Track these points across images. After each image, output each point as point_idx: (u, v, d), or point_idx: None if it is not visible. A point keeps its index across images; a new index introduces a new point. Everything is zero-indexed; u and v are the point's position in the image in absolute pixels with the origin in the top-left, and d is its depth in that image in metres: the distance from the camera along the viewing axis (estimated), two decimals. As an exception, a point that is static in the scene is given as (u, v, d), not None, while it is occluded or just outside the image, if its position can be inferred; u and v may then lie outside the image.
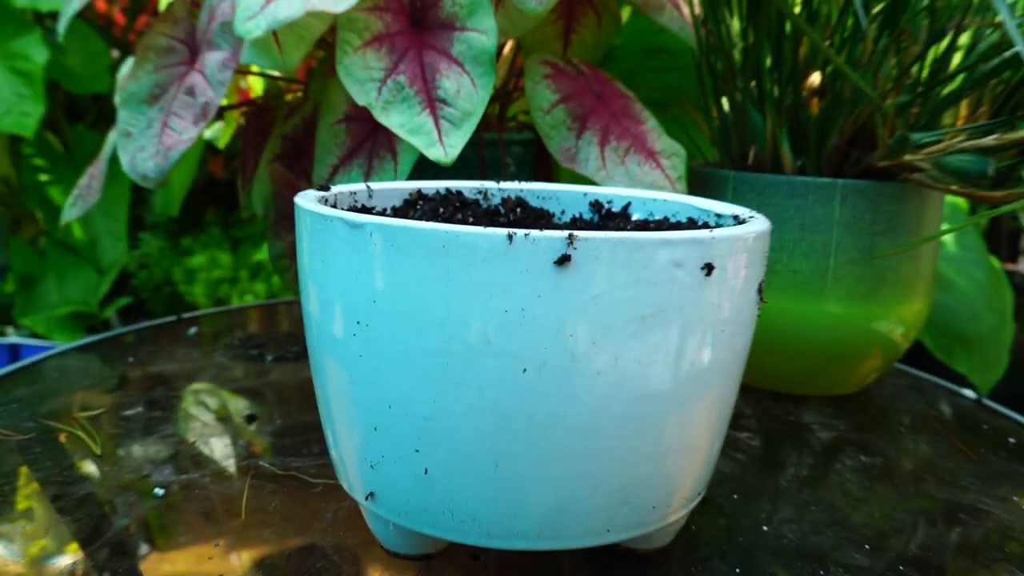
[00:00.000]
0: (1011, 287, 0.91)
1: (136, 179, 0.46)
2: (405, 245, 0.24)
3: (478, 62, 0.42)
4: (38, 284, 1.36)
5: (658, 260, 0.24)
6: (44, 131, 1.42)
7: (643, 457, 0.26)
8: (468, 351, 0.24)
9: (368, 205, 0.35)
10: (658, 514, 0.28)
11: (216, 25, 0.45)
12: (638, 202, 0.37)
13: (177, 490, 0.36)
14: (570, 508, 0.26)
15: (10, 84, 1.23)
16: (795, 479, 0.40)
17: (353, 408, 0.27)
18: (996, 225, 1.44)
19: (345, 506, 0.35)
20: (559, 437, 0.25)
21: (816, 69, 0.50)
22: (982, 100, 0.48)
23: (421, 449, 0.26)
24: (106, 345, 0.58)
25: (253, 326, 0.65)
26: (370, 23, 0.43)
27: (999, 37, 0.45)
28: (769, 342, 0.48)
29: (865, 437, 0.45)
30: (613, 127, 0.49)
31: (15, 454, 0.39)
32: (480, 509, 0.26)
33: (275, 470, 0.38)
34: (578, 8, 0.54)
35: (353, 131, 0.47)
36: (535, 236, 0.23)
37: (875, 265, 0.47)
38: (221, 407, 0.46)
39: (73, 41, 1.35)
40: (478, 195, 0.38)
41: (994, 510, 0.37)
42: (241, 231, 1.40)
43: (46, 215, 1.37)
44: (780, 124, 0.48)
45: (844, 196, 0.46)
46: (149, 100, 0.47)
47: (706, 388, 0.27)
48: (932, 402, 0.52)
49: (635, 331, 0.24)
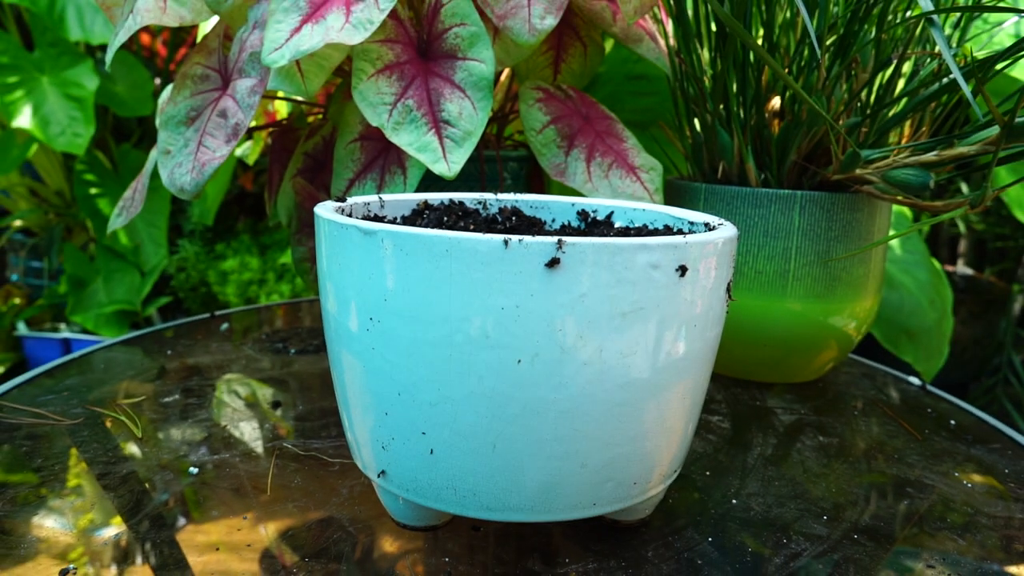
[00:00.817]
0: (950, 286, 0.91)
1: (174, 192, 0.46)
2: (413, 250, 0.24)
3: (478, 88, 0.42)
4: (88, 285, 1.36)
5: (637, 262, 0.24)
6: (94, 149, 1.41)
7: (625, 438, 0.26)
8: (469, 344, 0.24)
9: (380, 215, 0.35)
10: (639, 489, 0.28)
11: (246, 55, 0.45)
12: (620, 211, 0.37)
13: (210, 469, 0.36)
14: (560, 484, 0.26)
15: (64, 108, 1.23)
16: (761, 457, 0.39)
17: (366, 395, 0.27)
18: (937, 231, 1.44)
19: (360, 483, 0.34)
20: (550, 421, 0.25)
21: (777, 94, 0.49)
22: (923, 121, 0.48)
23: (427, 432, 0.26)
24: (147, 339, 0.57)
25: (278, 322, 0.65)
26: (382, 53, 0.43)
27: (937, 65, 0.45)
28: (737, 335, 0.48)
29: (823, 420, 0.45)
30: (598, 145, 0.49)
31: (65, 437, 0.39)
32: (480, 485, 0.26)
33: (297, 451, 0.38)
34: (566, 40, 0.54)
35: (367, 149, 0.46)
36: (528, 241, 0.23)
37: (830, 267, 0.46)
38: (250, 394, 0.46)
39: (120, 70, 1.35)
40: (478, 205, 0.38)
41: (937, 484, 0.37)
42: (269, 238, 1.40)
43: (95, 224, 1.37)
44: (745, 142, 0.48)
45: (802, 206, 0.46)
46: (186, 122, 0.47)
47: (681, 376, 0.27)
48: (882, 388, 0.52)
49: (617, 326, 0.24)
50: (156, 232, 1.36)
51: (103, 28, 1.22)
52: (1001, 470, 0.39)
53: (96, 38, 1.22)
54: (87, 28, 1.21)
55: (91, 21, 1.21)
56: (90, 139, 1.22)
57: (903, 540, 0.32)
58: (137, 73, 1.35)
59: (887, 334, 0.82)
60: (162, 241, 1.36)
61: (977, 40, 0.58)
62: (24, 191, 1.46)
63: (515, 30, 0.43)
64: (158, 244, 1.36)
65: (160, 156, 0.47)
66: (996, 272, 1.46)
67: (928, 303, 0.83)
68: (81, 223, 1.48)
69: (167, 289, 1.44)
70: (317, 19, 0.41)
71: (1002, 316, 1.26)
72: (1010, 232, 1.38)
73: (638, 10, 0.48)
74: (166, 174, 0.46)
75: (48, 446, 0.37)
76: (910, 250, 0.87)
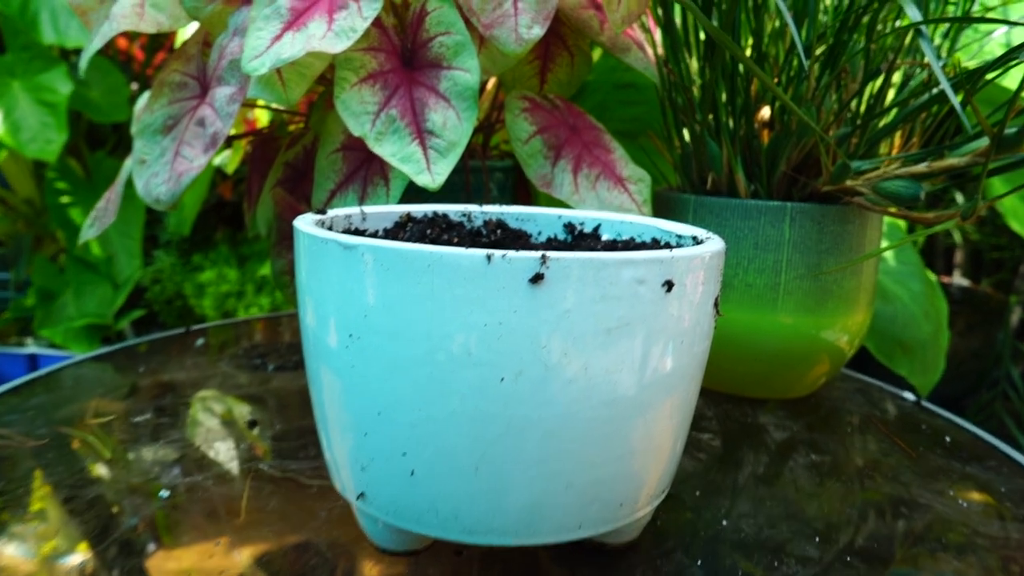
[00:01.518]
0: (946, 297, 0.92)
1: (150, 203, 0.45)
2: (394, 265, 0.24)
3: (463, 98, 0.42)
4: (57, 298, 1.35)
5: (623, 278, 0.24)
6: (66, 156, 1.40)
7: (611, 458, 0.26)
8: (451, 362, 0.24)
9: (362, 228, 0.35)
10: (626, 510, 0.28)
11: (225, 63, 0.45)
12: (607, 224, 0.37)
13: (182, 491, 0.35)
14: (545, 506, 0.26)
15: (36, 114, 1.22)
16: (752, 476, 0.40)
17: (346, 414, 0.27)
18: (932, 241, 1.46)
19: (338, 506, 0.34)
20: (534, 440, 0.25)
21: (766, 104, 0.50)
22: (913, 131, 0.49)
23: (408, 452, 0.26)
24: (119, 355, 0.57)
25: (257, 337, 0.65)
26: (365, 62, 0.43)
27: (927, 75, 0.45)
28: (728, 349, 0.48)
29: (815, 437, 0.45)
30: (585, 156, 0.49)
31: (30, 459, 0.38)
32: (462, 508, 0.26)
33: (274, 472, 0.38)
34: (553, 49, 0.54)
35: (349, 159, 0.47)
36: (511, 256, 0.23)
37: (822, 280, 0.47)
38: (225, 413, 0.46)
39: (95, 75, 1.34)
40: (463, 217, 0.38)
41: (933, 503, 0.37)
42: (248, 248, 1.39)
43: (67, 234, 1.36)
44: (735, 153, 0.48)
45: (793, 218, 0.46)
46: (163, 130, 0.47)
47: (668, 393, 0.27)
48: (876, 404, 0.52)
49: (603, 342, 0.24)
50: (130, 243, 1.35)
51: (78, 32, 1.21)
52: (997, 488, 0.39)
53: (71, 42, 1.21)
54: (61, 31, 1.21)
55: (66, 24, 1.21)
56: (62, 146, 1.21)
57: (898, 562, 0.32)
58: (113, 78, 1.35)
59: (881, 347, 0.83)
60: (136, 252, 1.35)
61: (968, 49, 0.60)
62: (-8, 200, 1.45)
63: (502, 39, 0.43)
64: (132, 255, 1.35)
65: (135, 165, 0.47)
66: (993, 283, 1.48)
67: (923, 315, 0.84)
68: (51, 233, 1.46)
69: (141, 302, 1.43)
70: (299, 27, 0.41)
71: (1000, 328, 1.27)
72: (1007, 242, 1.40)
73: (626, 19, 0.49)
74: (141, 184, 0.46)
75: (11, 468, 0.37)
76: (904, 261, 0.88)
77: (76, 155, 1.46)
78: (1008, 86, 0.64)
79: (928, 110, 0.46)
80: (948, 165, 0.39)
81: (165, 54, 1.49)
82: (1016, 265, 1.40)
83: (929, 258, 1.50)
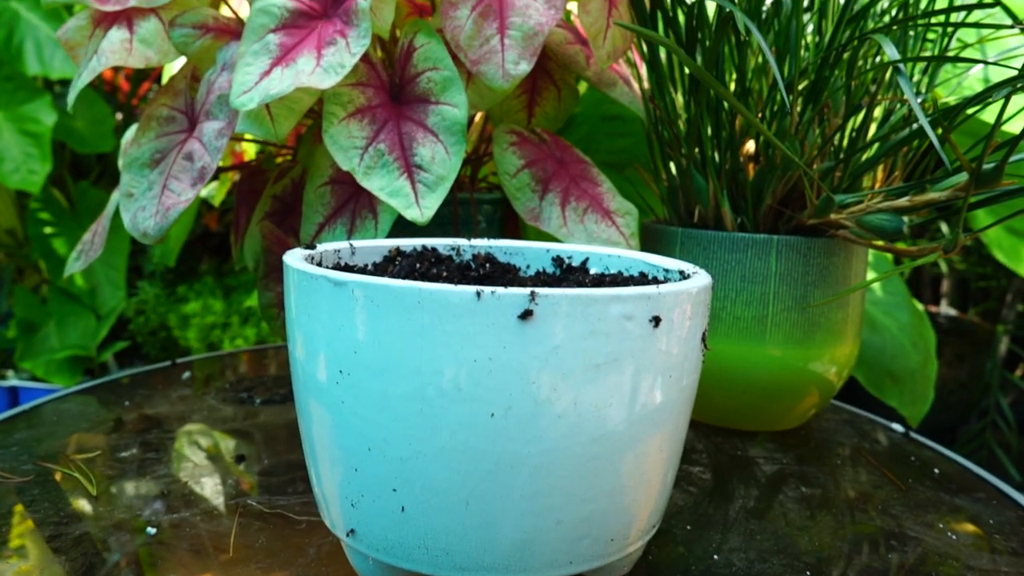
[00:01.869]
0: (934, 327, 0.93)
1: (137, 236, 0.46)
2: (384, 301, 0.24)
3: (451, 132, 0.43)
4: (39, 330, 1.34)
5: (611, 313, 0.24)
6: (50, 187, 1.40)
7: (602, 493, 0.26)
8: (441, 397, 0.25)
9: (351, 262, 0.35)
10: (617, 545, 0.28)
11: (214, 97, 0.46)
12: (595, 257, 0.38)
13: (169, 528, 0.35)
14: (535, 542, 0.26)
15: (19, 144, 1.23)
16: (743, 510, 0.40)
17: (336, 450, 0.27)
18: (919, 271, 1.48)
19: (328, 542, 0.34)
20: (524, 476, 0.25)
21: (751, 138, 0.51)
22: (896, 165, 0.51)
23: (398, 488, 0.26)
24: (103, 389, 0.57)
25: (243, 369, 0.65)
26: (353, 97, 0.44)
27: (907, 110, 0.47)
28: (717, 382, 0.49)
29: (805, 469, 0.46)
30: (573, 189, 0.50)
31: (13, 496, 0.38)
32: (453, 544, 0.26)
33: (262, 508, 0.38)
34: (540, 83, 0.55)
35: (337, 193, 0.47)
36: (501, 293, 0.24)
37: (809, 312, 0.48)
38: (212, 447, 0.46)
39: (80, 105, 1.35)
40: (451, 251, 0.39)
41: (923, 536, 0.38)
42: (234, 279, 1.39)
43: (49, 265, 1.35)
44: (721, 186, 0.50)
45: (779, 250, 0.47)
46: (150, 164, 0.48)
47: (658, 427, 0.27)
48: (865, 435, 0.53)
49: (592, 377, 0.25)
50: (114, 274, 1.34)
51: (63, 62, 1.22)
52: (986, 520, 0.40)
53: (55, 72, 1.22)
54: (46, 62, 1.22)
55: (50, 55, 1.22)
56: (46, 176, 1.21)
57: (887, 594, 0.32)
58: (98, 108, 1.36)
59: (870, 378, 0.84)
60: (120, 283, 1.34)
61: (947, 84, 0.61)
62: (-27, 230, 1.44)
63: (489, 75, 0.44)
64: (116, 286, 1.34)
65: (123, 199, 0.47)
66: (980, 312, 1.50)
67: (911, 345, 0.85)
68: (33, 264, 1.46)
69: (124, 333, 1.42)
70: (287, 62, 0.42)
71: (988, 358, 1.29)
72: (992, 272, 1.43)
73: (611, 55, 0.50)
74: (128, 218, 0.46)
75: (-6, 506, 0.37)
76: (891, 291, 0.90)
77: (60, 185, 1.46)
78: (987, 120, 0.66)
79: (909, 144, 0.48)
80: (929, 199, 0.40)
81: (150, 84, 1.50)
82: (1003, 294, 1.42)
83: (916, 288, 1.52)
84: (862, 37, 0.41)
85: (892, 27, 0.45)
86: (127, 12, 0.49)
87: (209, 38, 0.47)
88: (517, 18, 0.44)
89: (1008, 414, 1.23)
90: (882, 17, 0.50)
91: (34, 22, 1.23)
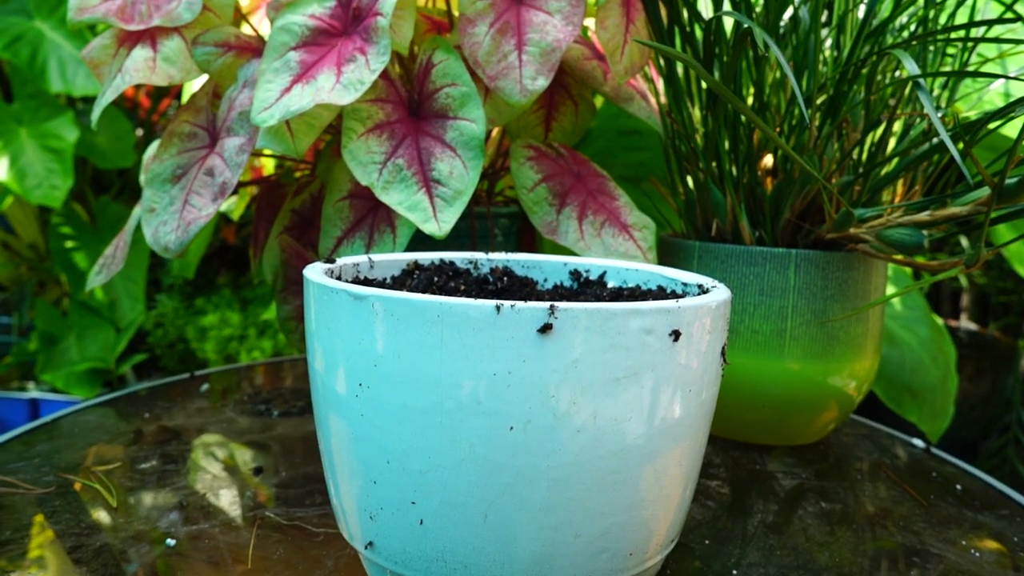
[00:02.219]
0: (954, 342, 0.92)
1: (158, 251, 0.46)
2: (404, 315, 0.25)
3: (469, 147, 0.44)
4: (59, 342, 1.35)
5: (630, 327, 0.24)
6: (72, 202, 1.43)
7: (621, 507, 0.26)
8: (460, 410, 0.25)
9: (369, 276, 0.36)
10: (635, 560, 0.28)
11: (235, 114, 0.46)
12: (613, 271, 0.38)
13: (187, 539, 0.35)
14: (553, 556, 0.26)
15: (42, 160, 1.25)
16: (762, 524, 0.40)
17: (354, 462, 0.27)
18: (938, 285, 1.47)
19: (346, 554, 0.34)
20: (543, 489, 0.25)
21: (769, 151, 0.51)
22: (915, 179, 0.50)
23: (417, 501, 0.26)
24: (122, 401, 0.57)
25: (260, 382, 0.65)
26: (372, 112, 0.45)
27: (927, 125, 0.47)
28: (735, 396, 0.49)
29: (825, 484, 0.45)
30: (590, 203, 0.50)
31: (34, 507, 0.38)
32: (471, 557, 0.26)
33: (280, 520, 0.38)
34: (557, 98, 0.56)
35: (356, 207, 0.48)
36: (520, 307, 0.24)
37: (828, 326, 0.47)
38: (230, 459, 0.46)
39: (102, 122, 1.37)
40: (469, 265, 0.39)
41: (945, 553, 0.37)
42: (251, 292, 1.40)
43: (70, 278, 1.37)
44: (739, 200, 0.49)
45: (798, 264, 0.47)
46: (172, 179, 0.48)
47: (677, 441, 0.27)
48: (885, 451, 0.52)
49: (611, 391, 0.25)
50: (134, 287, 1.36)
51: (85, 80, 1.24)
52: (1010, 538, 0.39)
53: (78, 90, 1.24)
54: (68, 80, 1.24)
55: (73, 73, 1.24)
56: (68, 191, 1.23)
57: (910, 613, 0.32)
58: (119, 125, 1.38)
59: (890, 393, 0.83)
60: (140, 296, 1.36)
61: (967, 99, 0.61)
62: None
63: (507, 91, 0.44)
64: (135, 299, 1.36)
65: (144, 214, 0.48)
66: (1001, 327, 1.48)
67: (931, 360, 0.84)
68: (55, 277, 1.48)
69: (143, 346, 1.43)
70: (308, 79, 0.42)
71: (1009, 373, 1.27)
72: (1013, 286, 1.41)
73: (628, 70, 0.50)
74: (150, 232, 0.47)
75: (16, 517, 0.37)
76: (910, 306, 0.89)
77: (81, 200, 1.48)
78: (1009, 135, 0.66)
79: (930, 159, 0.47)
80: (950, 214, 0.40)
81: (171, 101, 1.52)
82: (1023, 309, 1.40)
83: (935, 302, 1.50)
84: (881, 52, 0.41)
85: (911, 42, 0.45)
86: (151, 31, 0.50)
87: (231, 56, 0.48)
88: (535, 34, 0.45)
89: (1031, 430, 1.21)
90: (901, 32, 0.50)
91: (57, 41, 1.26)
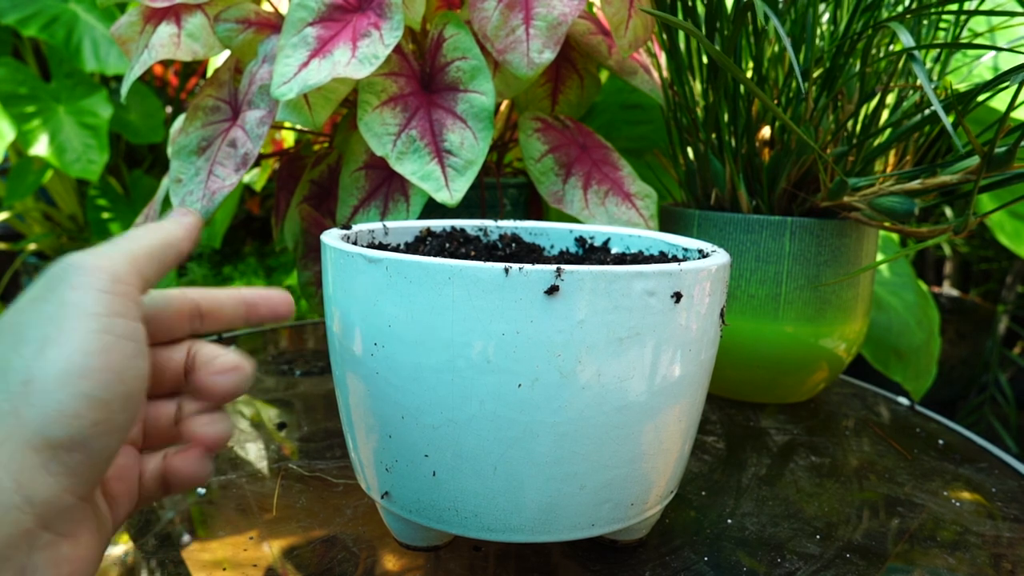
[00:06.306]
0: (937, 307, 0.91)
1: (185, 218, 0.46)
2: (416, 277, 0.24)
3: (479, 119, 0.43)
4: (99, 307, 1.35)
5: (634, 289, 0.24)
6: (107, 175, 1.42)
7: (623, 460, 0.26)
8: (471, 369, 0.24)
9: (384, 242, 0.35)
10: (636, 510, 0.28)
11: (255, 88, 0.45)
12: (616, 238, 0.37)
13: (217, 489, 0.35)
14: (559, 506, 0.26)
15: (79, 136, 1.24)
16: (755, 477, 0.39)
17: (371, 418, 0.27)
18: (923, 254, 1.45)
19: (363, 503, 0.34)
20: (549, 443, 0.25)
21: (767, 123, 0.50)
22: (907, 150, 0.49)
23: (430, 454, 0.26)
24: (157, 361, 0.57)
25: (284, 344, 0.65)
26: (386, 86, 0.44)
27: (919, 97, 0.45)
28: (731, 357, 0.48)
29: (815, 440, 0.45)
30: (594, 173, 0.49)
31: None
32: (481, 507, 0.26)
33: (302, 471, 0.38)
34: (564, 72, 0.54)
35: (371, 177, 0.47)
36: (528, 270, 0.23)
37: (820, 290, 0.47)
38: (255, 415, 0.46)
39: (133, 99, 1.36)
40: (479, 232, 0.38)
41: (927, 503, 0.37)
42: (275, 260, 1.40)
43: (107, 247, 1.37)
44: (737, 170, 0.48)
45: (793, 232, 0.46)
46: (197, 151, 0.48)
47: (676, 398, 0.27)
48: (872, 408, 0.52)
49: (615, 351, 0.24)
50: (165, 255, 1.36)
51: (117, 60, 1.23)
52: (988, 489, 0.39)
53: (111, 69, 1.23)
54: (102, 59, 1.22)
55: (106, 53, 1.23)
56: (104, 165, 1.23)
57: (895, 558, 0.31)
58: (149, 102, 1.37)
59: (877, 354, 0.82)
60: (171, 264, 1.36)
61: (958, 72, 0.59)
62: (38, 215, 1.47)
63: (514, 64, 0.43)
64: (167, 267, 1.36)
65: (172, 184, 0.47)
66: (981, 293, 1.46)
67: (916, 324, 0.84)
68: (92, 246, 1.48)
69: (175, 311, 1.43)
70: (324, 54, 0.41)
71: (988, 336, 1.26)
72: (994, 255, 1.39)
73: (632, 44, 0.49)
74: (177, 201, 0.46)
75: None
76: (897, 272, 0.88)
77: (116, 174, 1.48)
78: (998, 107, 0.64)
79: (921, 130, 0.46)
80: (941, 182, 0.39)
81: (197, 79, 1.50)
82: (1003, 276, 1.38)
83: (920, 269, 1.48)
84: (877, 26, 0.40)
85: (906, 16, 0.43)
86: (175, 8, 0.49)
87: (251, 32, 0.47)
88: (542, 9, 0.43)
89: (1006, 389, 1.20)
90: (895, 6, 0.49)
91: (91, 22, 1.24)
